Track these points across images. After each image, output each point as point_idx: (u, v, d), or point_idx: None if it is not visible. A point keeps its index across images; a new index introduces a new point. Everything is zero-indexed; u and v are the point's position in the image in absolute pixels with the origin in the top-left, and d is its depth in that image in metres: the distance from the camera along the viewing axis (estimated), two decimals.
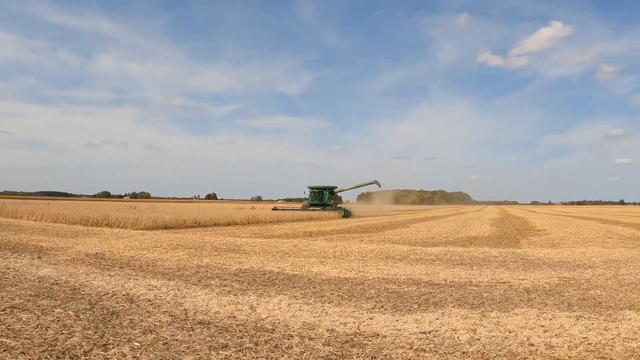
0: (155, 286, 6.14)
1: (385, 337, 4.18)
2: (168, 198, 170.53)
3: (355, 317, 4.86)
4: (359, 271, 7.82)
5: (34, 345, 3.60)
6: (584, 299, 6.04)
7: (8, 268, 7.45)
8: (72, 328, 4.06)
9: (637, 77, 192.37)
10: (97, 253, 9.78)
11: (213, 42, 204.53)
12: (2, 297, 5.29)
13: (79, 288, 5.94)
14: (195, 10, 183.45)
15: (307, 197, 38.87)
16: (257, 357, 3.49)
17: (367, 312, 5.07)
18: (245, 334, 4.14)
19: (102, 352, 3.49)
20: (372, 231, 18.68)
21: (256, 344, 3.79)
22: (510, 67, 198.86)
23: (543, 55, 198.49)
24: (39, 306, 4.88)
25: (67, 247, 10.61)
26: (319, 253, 10.47)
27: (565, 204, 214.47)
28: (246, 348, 3.70)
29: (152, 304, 5.11)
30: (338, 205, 38.20)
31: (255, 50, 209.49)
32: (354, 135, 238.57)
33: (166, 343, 3.74)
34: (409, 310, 5.25)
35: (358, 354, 3.68)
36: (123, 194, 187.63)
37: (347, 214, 34.00)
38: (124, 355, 3.44)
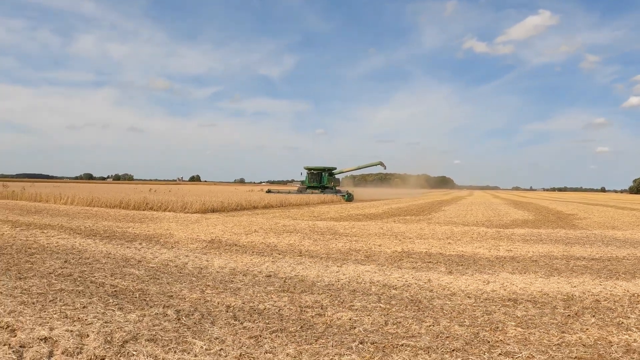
0: (376, 272, 6.24)
1: None
2: (150, 180, 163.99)
3: (604, 285, 5.57)
4: (506, 250, 8.30)
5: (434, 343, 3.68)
6: None
7: (177, 258, 7.06)
8: (425, 323, 4.21)
9: (619, 66, 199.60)
10: (212, 240, 9.52)
11: (195, 23, 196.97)
12: (255, 296, 4.87)
13: (303, 280, 5.75)
14: None
15: (304, 178, 35.95)
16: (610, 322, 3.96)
17: (604, 280, 5.81)
18: (560, 305, 4.57)
19: (502, 337, 3.74)
20: (415, 214, 19.22)
21: (595, 313, 4.34)
22: (495, 54, 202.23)
23: (529, 43, 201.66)
24: (317, 302, 4.57)
25: (160, 234, 10.06)
26: (420, 235, 10.83)
27: (547, 190, 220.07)
28: (595, 318, 4.18)
29: (421, 288, 5.29)
30: (337, 188, 35.80)
31: (237, 32, 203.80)
32: (336, 119, 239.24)
33: (533, 322, 4.05)
34: (626, 278, 6.02)
35: None
36: (106, 176, 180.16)
37: (349, 198, 32.04)
38: (518, 340, 3.61)
